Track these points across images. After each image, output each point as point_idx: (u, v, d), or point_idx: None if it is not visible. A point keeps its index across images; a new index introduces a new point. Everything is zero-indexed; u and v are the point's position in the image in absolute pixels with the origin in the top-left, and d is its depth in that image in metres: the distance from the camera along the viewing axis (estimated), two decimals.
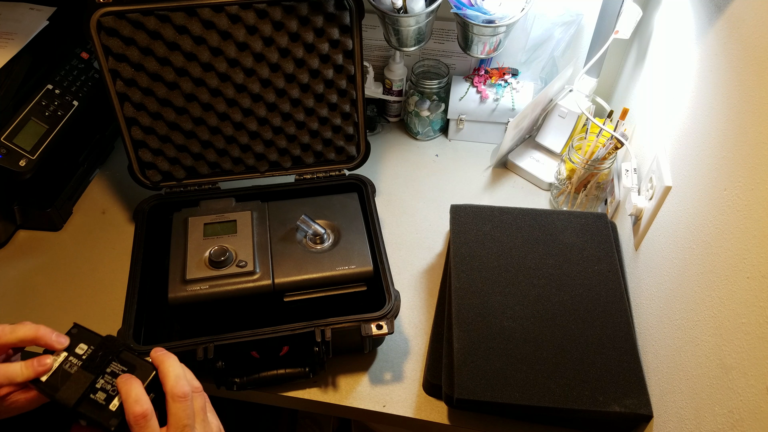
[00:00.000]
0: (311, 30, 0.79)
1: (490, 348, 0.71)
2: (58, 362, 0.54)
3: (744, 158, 0.54)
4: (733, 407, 0.50)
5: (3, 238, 0.93)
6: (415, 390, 0.76)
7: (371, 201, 0.85)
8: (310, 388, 0.76)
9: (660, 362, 0.67)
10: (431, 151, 1.10)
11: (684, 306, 0.63)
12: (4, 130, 0.85)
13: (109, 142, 1.08)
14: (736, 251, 0.53)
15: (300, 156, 0.90)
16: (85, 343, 0.55)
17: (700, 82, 0.67)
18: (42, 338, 0.54)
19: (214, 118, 0.84)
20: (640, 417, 0.66)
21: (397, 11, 0.86)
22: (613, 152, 0.88)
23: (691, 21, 0.72)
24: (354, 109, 0.88)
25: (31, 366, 0.53)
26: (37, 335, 0.54)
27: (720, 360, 0.53)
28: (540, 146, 1.05)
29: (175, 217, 0.82)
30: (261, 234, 0.80)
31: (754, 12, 0.56)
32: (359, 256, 0.78)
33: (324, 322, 0.70)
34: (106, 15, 0.74)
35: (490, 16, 0.86)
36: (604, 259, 0.80)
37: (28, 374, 0.53)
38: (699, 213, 0.62)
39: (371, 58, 1.12)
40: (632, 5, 0.87)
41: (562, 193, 0.97)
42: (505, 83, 1.06)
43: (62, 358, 0.54)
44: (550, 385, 0.68)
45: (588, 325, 0.73)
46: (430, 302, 0.85)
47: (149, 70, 0.78)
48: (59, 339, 0.55)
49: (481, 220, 0.84)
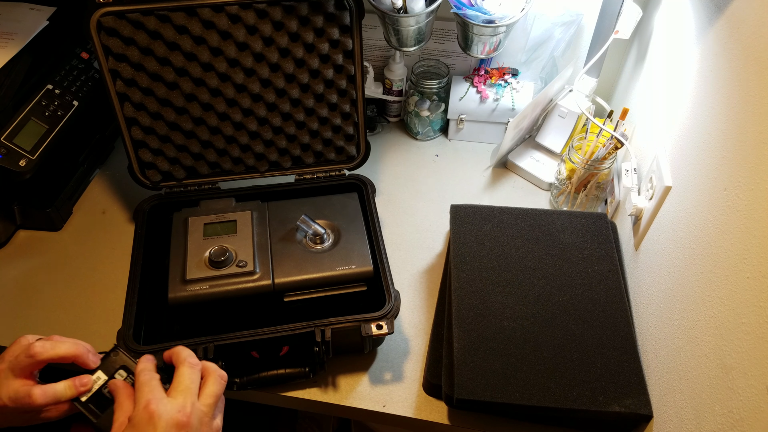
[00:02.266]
0: (311, 30, 0.79)
1: (490, 348, 0.71)
2: (98, 385, 0.58)
3: (744, 158, 0.54)
4: (733, 407, 0.50)
5: (3, 238, 0.93)
6: (415, 390, 0.76)
7: (371, 201, 0.85)
8: (310, 388, 0.76)
9: (660, 362, 0.67)
10: (431, 151, 1.10)
11: (684, 306, 0.63)
12: (4, 130, 0.85)
13: (109, 142, 1.08)
14: (737, 251, 0.53)
15: (300, 156, 0.90)
16: (125, 370, 0.59)
17: (700, 82, 0.67)
18: (80, 357, 0.58)
19: (214, 118, 0.84)
20: (640, 417, 0.66)
21: (397, 11, 0.86)
22: (613, 152, 0.88)
23: (691, 21, 0.72)
24: (354, 109, 0.88)
25: (74, 386, 0.57)
26: (77, 353, 0.58)
27: (720, 360, 0.53)
28: (540, 146, 1.05)
29: (175, 217, 0.82)
30: (261, 234, 0.80)
31: (754, 12, 0.56)
32: (359, 256, 0.78)
33: (324, 322, 0.70)
34: (106, 15, 0.74)
35: (490, 16, 0.86)
36: (604, 259, 0.80)
37: (72, 394, 0.57)
38: (699, 213, 0.62)
39: (371, 58, 1.12)
40: (632, 5, 0.87)
41: (562, 193, 0.97)
42: (505, 83, 1.06)
43: (102, 381, 0.58)
44: (550, 385, 0.67)
45: (588, 325, 0.73)
46: (430, 302, 0.85)
47: (149, 70, 0.78)
48: (95, 359, 0.59)
49: (481, 220, 0.84)
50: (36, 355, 0.56)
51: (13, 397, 0.55)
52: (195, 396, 0.55)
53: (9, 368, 0.56)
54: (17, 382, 0.56)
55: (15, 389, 0.55)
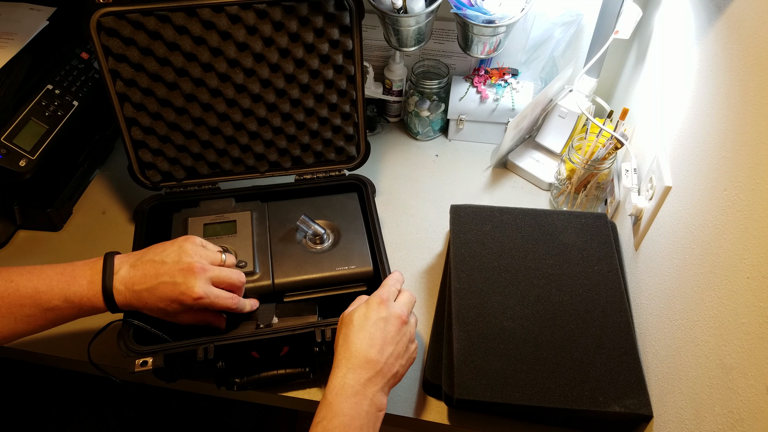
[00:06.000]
0: (311, 30, 0.79)
1: (490, 348, 0.71)
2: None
3: (744, 158, 0.54)
4: (733, 407, 0.50)
5: (3, 238, 0.93)
6: (415, 390, 0.76)
7: (371, 201, 0.85)
8: (310, 388, 0.76)
9: (660, 362, 0.67)
10: (431, 151, 1.10)
11: (684, 306, 0.63)
12: (4, 130, 0.85)
13: (109, 142, 1.08)
14: (736, 251, 0.53)
15: (300, 156, 0.90)
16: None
17: (700, 82, 0.67)
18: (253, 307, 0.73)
19: (214, 118, 0.84)
20: (640, 417, 0.66)
21: (397, 11, 0.86)
22: (613, 152, 0.88)
23: (691, 21, 0.72)
24: (354, 109, 0.88)
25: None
26: (252, 307, 0.73)
27: (720, 360, 0.53)
28: (540, 146, 1.05)
29: (175, 218, 0.82)
30: (261, 234, 0.80)
31: (754, 12, 0.56)
32: (359, 256, 0.78)
33: (324, 322, 0.70)
34: (106, 15, 0.74)
35: (490, 16, 0.86)
36: (604, 259, 0.80)
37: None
38: (699, 213, 0.62)
39: (371, 58, 1.12)
40: (632, 5, 0.87)
41: (562, 193, 0.97)
42: (505, 83, 1.06)
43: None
44: (550, 385, 0.68)
45: (588, 325, 0.73)
46: (430, 302, 0.85)
47: (149, 70, 0.78)
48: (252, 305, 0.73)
49: (481, 220, 0.84)
50: (240, 287, 0.70)
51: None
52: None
53: (216, 275, 0.67)
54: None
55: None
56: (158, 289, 0.64)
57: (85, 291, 0.62)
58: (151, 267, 0.65)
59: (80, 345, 0.79)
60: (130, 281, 0.64)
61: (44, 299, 0.61)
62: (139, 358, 0.66)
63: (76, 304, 0.62)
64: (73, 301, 0.62)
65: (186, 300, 0.64)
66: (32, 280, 0.62)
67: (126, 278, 0.64)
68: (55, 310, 0.62)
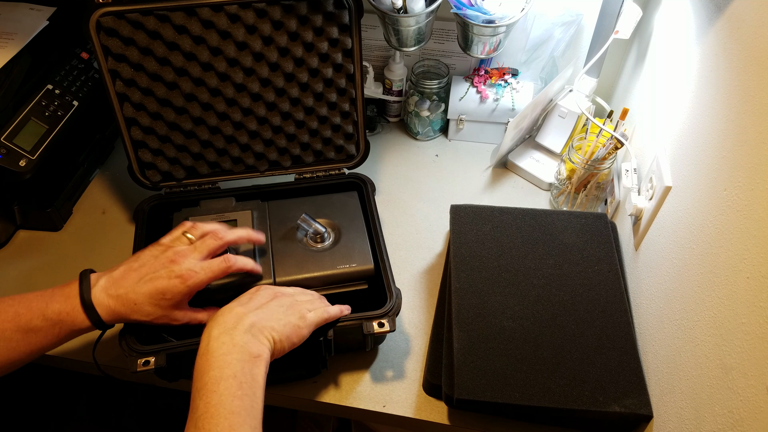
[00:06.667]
0: (310, 29, 0.79)
1: (490, 348, 0.71)
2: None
3: (744, 158, 0.54)
4: (733, 407, 0.50)
5: (3, 238, 0.93)
6: (415, 390, 0.76)
7: (371, 199, 0.85)
8: (310, 388, 0.76)
9: (660, 362, 0.67)
10: (431, 151, 1.10)
11: (684, 306, 0.63)
12: (4, 130, 0.85)
13: (109, 142, 1.08)
14: (736, 251, 0.53)
15: (300, 155, 0.90)
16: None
17: (700, 82, 0.67)
18: (251, 237, 0.74)
19: (213, 117, 0.84)
20: (640, 417, 0.66)
21: (397, 11, 0.86)
22: (613, 152, 0.88)
23: (691, 21, 0.72)
24: (353, 108, 0.88)
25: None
26: (249, 237, 0.73)
27: (720, 360, 0.53)
28: (540, 146, 1.05)
29: (175, 217, 0.82)
30: (261, 233, 0.80)
31: (754, 12, 0.56)
32: (360, 254, 0.78)
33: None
34: (105, 15, 0.74)
35: (490, 16, 0.86)
36: (604, 259, 0.80)
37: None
38: (699, 213, 0.62)
39: (371, 58, 1.12)
40: (632, 5, 0.87)
41: (562, 193, 0.97)
42: (505, 83, 1.06)
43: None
44: (550, 385, 0.68)
45: (588, 325, 0.73)
46: (430, 302, 0.85)
47: (149, 70, 0.78)
48: (259, 236, 0.75)
49: (481, 220, 0.84)
50: (223, 238, 0.69)
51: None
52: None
53: (198, 251, 0.67)
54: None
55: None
56: (144, 285, 0.63)
57: (62, 306, 0.62)
58: (131, 271, 0.65)
59: (83, 345, 0.79)
60: (111, 287, 0.63)
61: (24, 320, 0.60)
62: (141, 357, 0.66)
63: (56, 321, 0.61)
64: (51, 318, 0.61)
65: (177, 285, 0.64)
66: (13, 306, 0.61)
67: (106, 286, 0.64)
68: (36, 331, 0.61)
